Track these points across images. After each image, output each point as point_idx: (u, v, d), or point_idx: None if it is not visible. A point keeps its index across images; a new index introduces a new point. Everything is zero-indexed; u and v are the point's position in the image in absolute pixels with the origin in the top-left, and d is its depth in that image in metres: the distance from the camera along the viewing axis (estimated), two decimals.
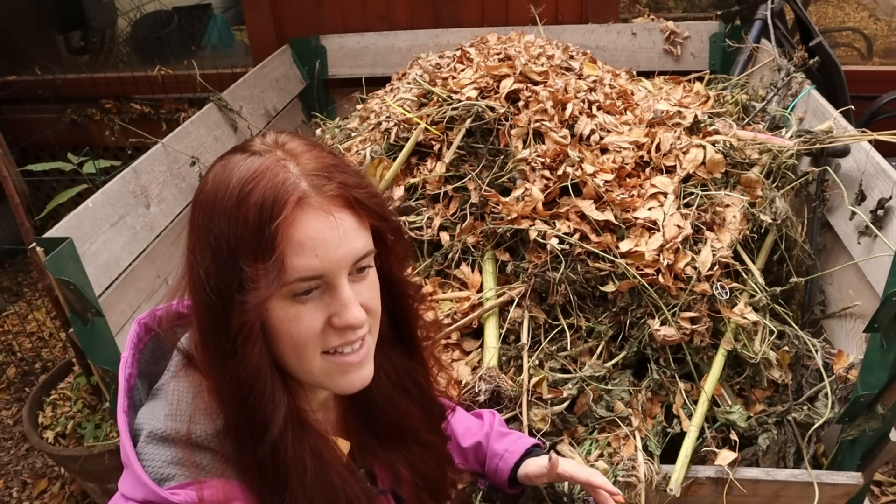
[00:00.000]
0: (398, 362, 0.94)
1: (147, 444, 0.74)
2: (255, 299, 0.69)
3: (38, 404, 2.44)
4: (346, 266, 0.74)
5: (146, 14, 4.04)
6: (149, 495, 0.71)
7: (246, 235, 0.69)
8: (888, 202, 1.59)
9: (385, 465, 0.94)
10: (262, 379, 0.73)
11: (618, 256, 1.57)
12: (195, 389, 0.77)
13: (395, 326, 0.93)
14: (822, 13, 4.90)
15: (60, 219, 1.49)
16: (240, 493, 0.75)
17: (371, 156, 1.93)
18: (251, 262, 0.69)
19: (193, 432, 0.74)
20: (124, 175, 1.75)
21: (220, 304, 0.71)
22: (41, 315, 3.38)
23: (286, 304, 0.73)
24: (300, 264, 0.71)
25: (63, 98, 3.56)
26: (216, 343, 0.73)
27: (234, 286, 0.70)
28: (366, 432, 0.93)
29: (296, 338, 0.74)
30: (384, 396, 0.91)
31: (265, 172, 0.71)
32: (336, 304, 0.74)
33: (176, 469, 0.73)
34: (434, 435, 1.01)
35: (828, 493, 1.42)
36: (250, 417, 0.73)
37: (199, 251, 0.72)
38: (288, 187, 0.70)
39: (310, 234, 0.71)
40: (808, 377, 1.57)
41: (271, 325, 0.74)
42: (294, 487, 0.75)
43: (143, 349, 0.85)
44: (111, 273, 1.60)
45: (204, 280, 0.71)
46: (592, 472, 1.14)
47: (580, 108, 1.86)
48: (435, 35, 2.98)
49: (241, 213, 0.70)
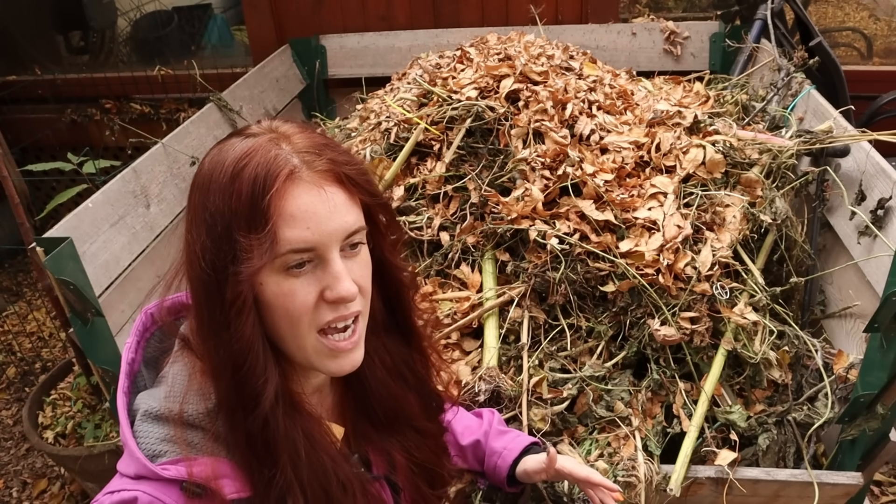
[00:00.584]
0: (394, 349, 0.95)
1: (142, 422, 0.77)
2: (249, 269, 0.71)
3: (38, 404, 2.44)
4: (337, 239, 0.76)
5: (146, 14, 4.04)
6: (141, 470, 0.74)
7: (240, 208, 0.72)
8: (888, 202, 1.59)
9: (380, 451, 0.95)
10: (255, 352, 0.74)
11: (618, 256, 1.57)
12: (189, 371, 0.79)
13: (390, 312, 0.95)
14: (822, 13, 4.89)
15: (60, 219, 1.49)
16: (229, 471, 0.76)
17: (371, 156, 1.93)
18: (245, 233, 0.72)
19: (185, 411, 0.76)
20: (124, 175, 1.75)
21: (215, 276, 0.73)
22: (41, 315, 3.38)
23: (279, 278, 0.74)
24: (292, 236, 0.73)
25: (63, 98, 3.56)
26: (210, 317, 0.75)
27: (228, 258, 0.72)
28: (361, 418, 0.94)
29: (290, 312, 0.75)
30: (379, 382, 0.92)
31: (258, 150, 0.74)
32: (328, 277, 0.76)
33: (168, 446, 0.75)
34: (431, 423, 1.02)
35: (828, 493, 1.42)
36: (242, 391, 0.75)
37: (196, 229, 0.75)
38: (280, 162, 0.74)
39: (301, 207, 0.73)
40: (808, 377, 1.57)
41: (266, 301, 0.75)
42: (284, 464, 0.76)
43: (150, 339, 0.87)
44: (111, 273, 1.60)
45: (199, 256, 0.74)
46: (591, 471, 1.15)
47: (580, 108, 1.86)
48: (435, 35, 2.98)
49: (235, 187, 0.73)
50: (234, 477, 0.76)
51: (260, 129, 0.78)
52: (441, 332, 1.60)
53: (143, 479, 0.74)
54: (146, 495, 0.73)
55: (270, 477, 0.76)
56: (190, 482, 0.73)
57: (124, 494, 0.74)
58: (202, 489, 0.74)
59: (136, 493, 0.73)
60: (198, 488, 0.74)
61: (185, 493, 0.74)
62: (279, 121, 0.81)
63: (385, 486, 0.94)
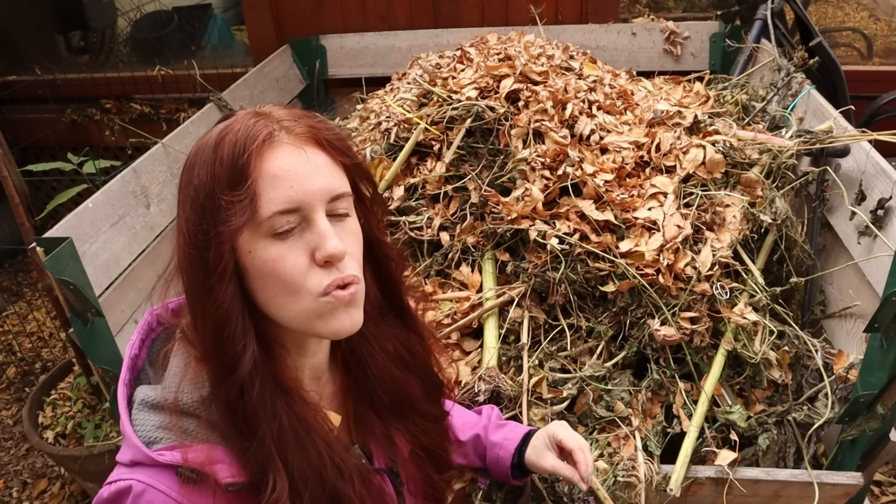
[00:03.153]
0: (392, 332, 0.95)
1: (139, 410, 0.79)
2: (229, 228, 0.73)
3: (38, 404, 2.44)
4: (321, 199, 0.76)
5: (146, 14, 4.04)
6: (137, 455, 0.75)
7: (221, 171, 0.74)
8: (888, 202, 1.59)
9: (382, 443, 0.95)
10: (234, 319, 0.75)
11: (618, 256, 1.57)
12: (185, 361, 0.80)
13: (385, 296, 0.95)
14: (822, 13, 4.90)
15: (60, 219, 1.49)
16: (223, 457, 0.77)
17: (371, 156, 1.93)
18: (227, 193, 0.73)
19: (180, 399, 0.78)
20: (124, 175, 1.75)
21: (199, 244, 0.74)
22: (41, 315, 3.38)
23: (267, 243, 0.75)
24: (276, 196, 0.74)
25: (63, 98, 3.56)
26: (195, 285, 0.76)
27: (210, 223, 0.73)
28: (364, 406, 0.94)
29: (283, 277, 0.75)
30: (381, 368, 0.92)
31: (238, 120, 0.78)
32: (315, 237, 0.76)
33: (164, 433, 0.77)
34: (433, 406, 1.03)
35: (828, 493, 1.42)
36: (222, 358, 0.75)
37: (182, 206, 0.78)
38: (258, 127, 0.76)
39: (283, 167, 0.75)
40: (808, 377, 1.57)
41: (257, 269, 0.76)
42: (263, 435, 0.76)
43: (156, 339, 0.88)
44: (111, 273, 1.60)
45: (185, 230, 0.76)
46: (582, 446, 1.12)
47: (580, 108, 1.86)
48: (435, 35, 2.98)
49: (217, 154, 0.75)
50: (228, 463, 0.77)
51: (242, 111, 0.81)
52: (441, 332, 1.60)
53: (139, 466, 0.75)
54: (140, 483, 0.74)
55: (247, 449, 0.76)
56: (185, 467, 0.74)
57: (120, 485, 0.75)
58: (197, 474, 0.75)
59: (130, 482, 0.74)
60: (193, 473, 0.74)
61: (180, 478, 0.75)
62: (263, 104, 0.84)
63: (386, 479, 0.94)
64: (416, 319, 0.99)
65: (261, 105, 0.83)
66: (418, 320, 1.00)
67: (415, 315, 0.99)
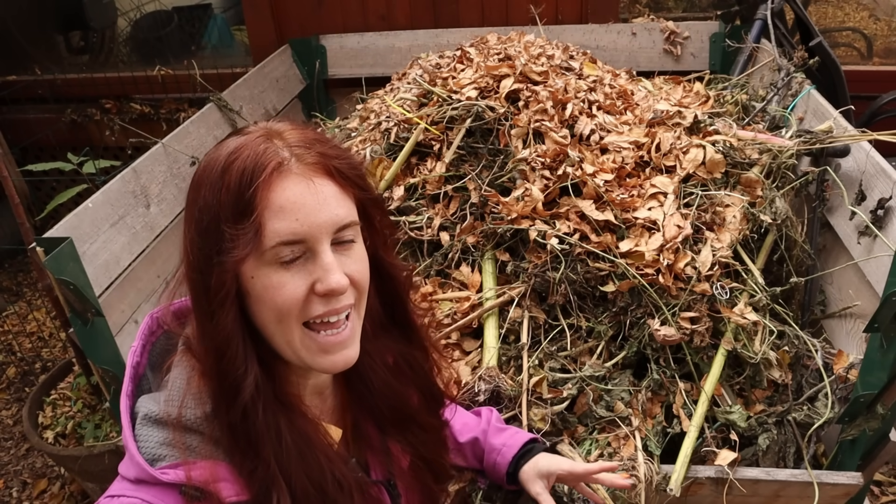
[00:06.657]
0: (394, 347, 0.95)
1: (142, 426, 0.78)
2: (231, 259, 0.72)
3: (38, 404, 2.44)
4: (327, 231, 0.76)
5: (146, 14, 4.04)
6: (140, 474, 0.75)
7: (227, 199, 0.73)
8: (888, 202, 1.59)
9: (380, 456, 0.95)
10: (235, 343, 0.75)
11: (618, 256, 1.57)
12: (188, 375, 0.80)
13: (388, 312, 0.95)
14: (822, 13, 4.90)
15: (60, 219, 1.49)
16: (227, 475, 0.77)
17: (371, 156, 1.93)
18: (231, 224, 0.73)
19: (184, 415, 0.77)
20: (124, 175, 1.75)
21: (202, 268, 0.74)
22: (41, 315, 3.38)
23: (270, 270, 0.75)
24: (281, 227, 0.73)
25: (63, 98, 3.56)
26: (199, 307, 0.77)
27: (214, 250, 0.73)
28: (364, 420, 0.94)
29: (278, 304, 0.76)
30: (382, 383, 0.92)
31: (249, 144, 0.76)
32: (318, 269, 0.76)
33: (167, 450, 0.76)
34: (433, 418, 1.03)
35: (828, 493, 1.42)
36: (224, 381, 0.76)
37: (187, 224, 0.78)
38: (269, 155, 0.75)
39: (290, 199, 0.74)
40: (808, 377, 1.57)
41: (256, 295, 0.76)
42: (267, 457, 0.76)
43: (156, 343, 0.88)
44: (111, 273, 1.60)
45: (189, 250, 0.76)
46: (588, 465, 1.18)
47: (580, 108, 1.86)
48: (435, 35, 2.98)
49: (224, 181, 0.74)
50: (232, 480, 0.77)
51: (255, 128, 0.80)
52: (441, 332, 1.60)
53: (143, 484, 0.75)
54: (144, 503, 0.73)
55: (252, 470, 0.76)
56: (189, 486, 0.74)
57: (123, 500, 0.74)
58: (201, 493, 0.74)
59: (134, 501, 0.74)
60: (196, 492, 0.74)
61: (184, 496, 0.74)
62: (276, 120, 0.82)
63: (384, 491, 0.94)
64: (421, 335, 0.99)
65: (274, 120, 0.82)
66: (423, 336, 0.99)
67: (419, 331, 0.99)
